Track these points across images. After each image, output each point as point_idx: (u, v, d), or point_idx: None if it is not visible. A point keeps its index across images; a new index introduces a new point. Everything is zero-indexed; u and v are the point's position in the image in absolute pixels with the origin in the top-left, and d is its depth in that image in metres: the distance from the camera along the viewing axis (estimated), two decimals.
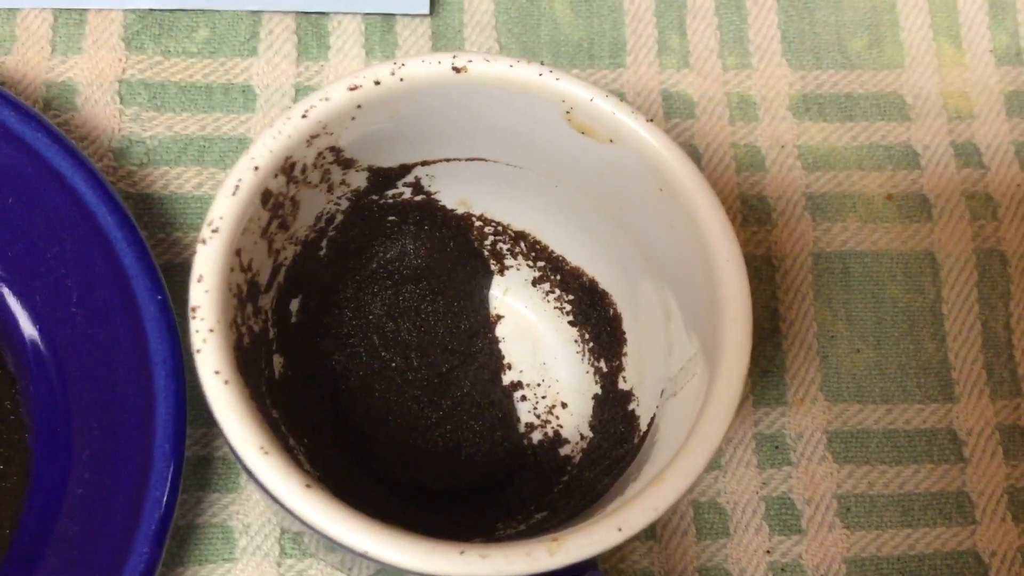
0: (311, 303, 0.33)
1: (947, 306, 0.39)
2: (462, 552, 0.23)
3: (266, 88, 0.38)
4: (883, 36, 0.42)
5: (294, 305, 0.32)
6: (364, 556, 0.23)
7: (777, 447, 0.36)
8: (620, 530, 0.24)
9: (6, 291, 0.33)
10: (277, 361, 0.31)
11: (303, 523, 0.24)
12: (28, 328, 0.33)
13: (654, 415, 0.30)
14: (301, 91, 0.38)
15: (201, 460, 0.34)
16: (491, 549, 0.23)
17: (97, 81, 0.38)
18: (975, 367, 0.38)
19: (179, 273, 0.36)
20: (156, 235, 0.36)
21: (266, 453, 0.24)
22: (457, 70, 0.28)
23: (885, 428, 0.37)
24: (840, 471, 0.36)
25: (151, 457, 0.30)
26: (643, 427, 0.31)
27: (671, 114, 0.40)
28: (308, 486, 0.23)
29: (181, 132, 0.37)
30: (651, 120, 0.28)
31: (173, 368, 0.31)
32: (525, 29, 0.41)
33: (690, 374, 0.28)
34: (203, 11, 0.39)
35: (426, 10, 0.39)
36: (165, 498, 0.30)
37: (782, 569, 0.35)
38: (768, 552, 0.35)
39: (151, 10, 0.39)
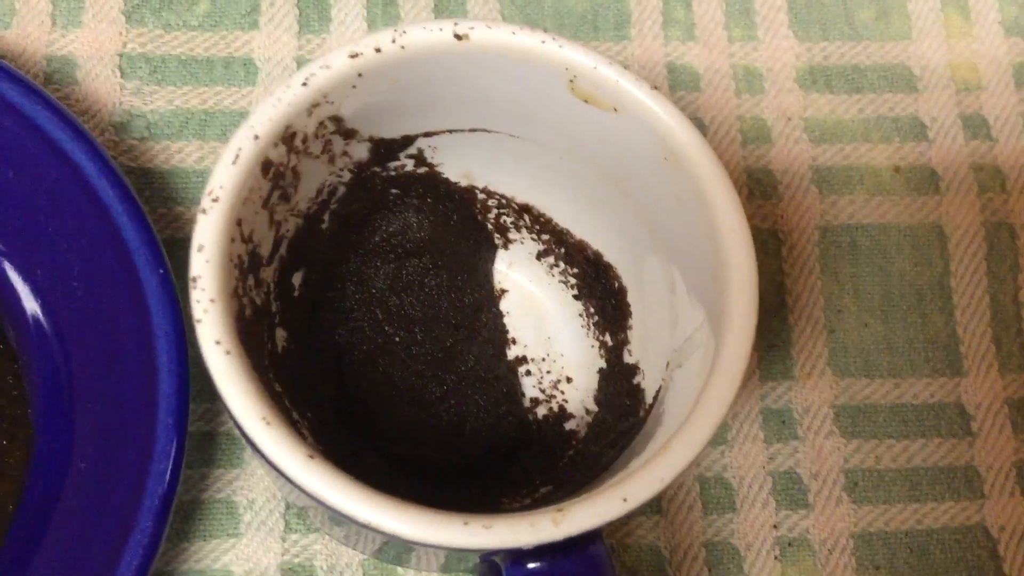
0: (313, 277, 0.32)
1: (955, 279, 0.38)
2: (466, 523, 0.23)
3: (267, 61, 0.38)
4: (890, 7, 0.42)
5: (296, 279, 0.32)
6: (367, 527, 0.23)
7: (784, 422, 0.36)
8: (625, 500, 0.24)
9: (7, 265, 0.33)
10: (280, 335, 0.31)
11: (306, 494, 0.23)
12: (30, 303, 0.33)
13: (660, 388, 0.30)
14: (303, 64, 0.38)
15: (205, 436, 0.34)
16: (495, 520, 0.23)
17: (97, 55, 0.37)
18: (983, 341, 0.38)
19: (181, 247, 0.35)
20: (157, 209, 0.36)
21: (268, 424, 0.23)
22: (459, 37, 0.27)
23: (893, 402, 0.37)
24: (847, 446, 0.36)
25: (154, 431, 0.30)
26: (649, 400, 0.30)
27: (676, 87, 0.39)
28: (311, 456, 0.23)
29: (182, 106, 0.37)
30: (655, 88, 0.28)
31: (175, 342, 0.31)
32: (528, 1, 0.40)
33: (695, 345, 0.28)
34: None
35: None
36: (168, 472, 0.30)
37: (789, 544, 0.35)
38: (775, 527, 0.35)
39: None
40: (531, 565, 0.24)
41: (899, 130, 0.40)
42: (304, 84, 0.27)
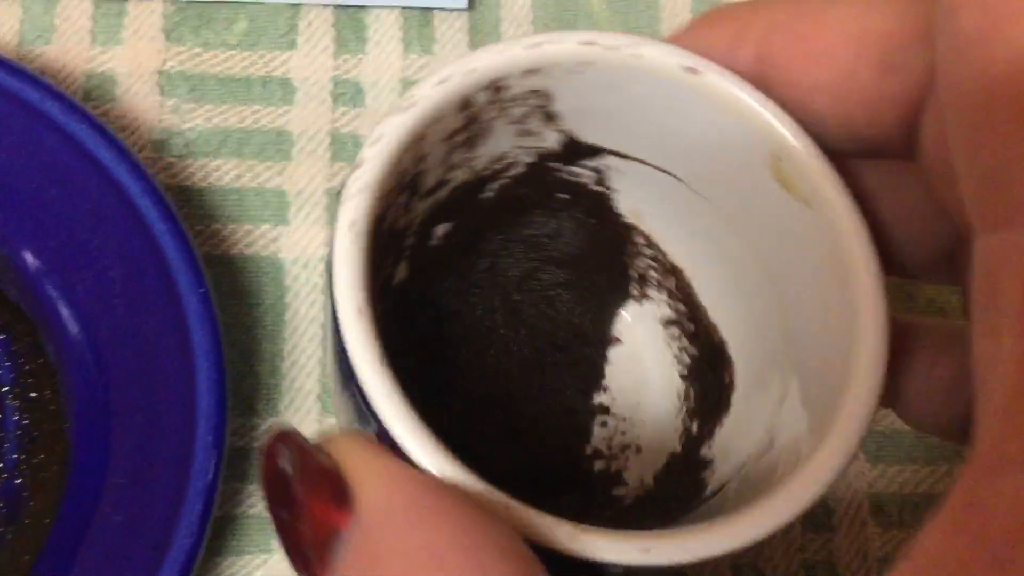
0: (455, 237, 0.32)
1: None
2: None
3: (304, 81, 0.38)
4: None
5: (440, 229, 0.32)
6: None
7: None
8: (648, 551, 0.23)
9: (48, 282, 0.33)
10: (402, 268, 0.31)
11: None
12: (69, 319, 0.33)
13: (724, 485, 0.29)
14: (339, 84, 0.38)
15: (239, 451, 0.34)
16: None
17: (137, 72, 0.38)
18: None
19: (218, 265, 0.36)
20: (195, 227, 0.36)
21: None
22: (690, 70, 0.26)
23: None
24: (872, 470, 0.36)
25: (192, 448, 0.31)
26: (707, 494, 0.29)
27: None
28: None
29: (220, 124, 0.37)
30: (852, 197, 0.26)
31: (215, 360, 0.31)
32: (562, 25, 0.40)
33: (786, 455, 0.26)
34: (242, 3, 0.39)
35: (464, 5, 0.39)
36: (207, 490, 0.30)
37: (813, 567, 0.35)
38: (800, 550, 0.35)
39: (190, 1, 0.39)
40: None
41: None
42: (535, 46, 0.26)
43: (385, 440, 0.23)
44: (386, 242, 0.28)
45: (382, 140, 0.25)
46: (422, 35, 0.40)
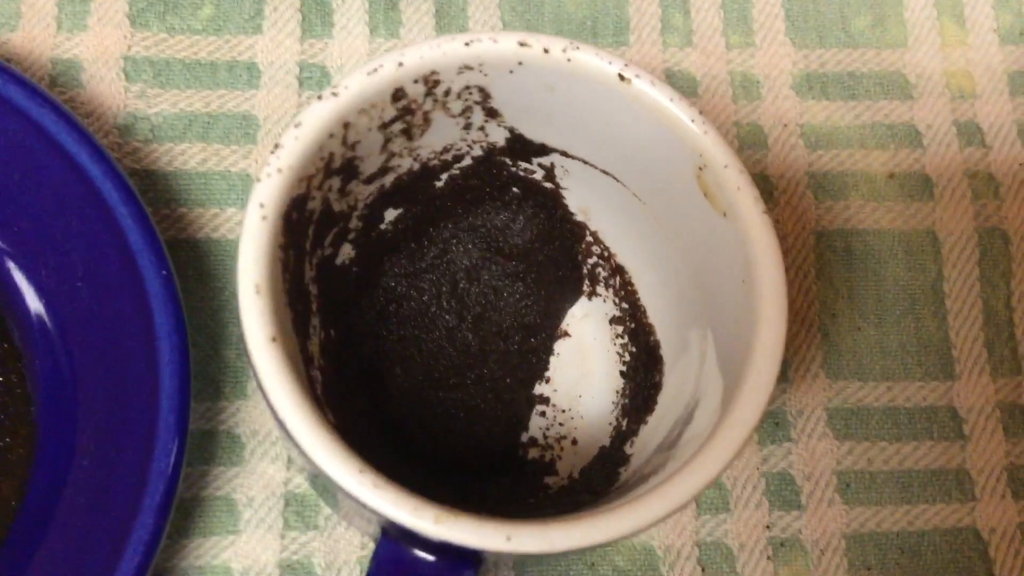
0: (404, 223, 0.33)
1: (948, 284, 0.39)
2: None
3: (270, 65, 0.38)
4: (887, 15, 0.42)
5: (390, 215, 0.32)
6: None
7: (777, 424, 0.36)
8: (509, 539, 0.23)
9: (12, 266, 0.33)
10: (347, 249, 0.32)
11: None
12: (34, 302, 0.33)
13: (628, 479, 0.30)
14: (305, 68, 0.38)
15: (206, 434, 0.34)
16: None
17: (102, 58, 0.38)
18: (976, 345, 0.38)
19: (183, 249, 0.36)
20: (160, 211, 0.36)
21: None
22: (622, 78, 0.27)
23: (885, 405, 0.37)
24: (840, 448, 0.36)
25: (156, 430, 0.31)
26: (616, 485, 0.30)
27: None
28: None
29: (186, 109, 0.38)
30: (765, 210, 0.27)
31: (178, 342, 0.31)
32: (528, 7, 0.41)
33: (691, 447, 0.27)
34: None
35: None
36: (170, 470, 0.30)
37: (781, 544, 0.35)
38: (768, 527, 0.35)
39: None
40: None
41: (894, 137, 0.40)
42: (467, 45, 0.27)
43: (272, 413, 0.24)
44: (319, 223, 0.28)
45: (301, 126, 0.26)
46: (388, 19, 0.40)
